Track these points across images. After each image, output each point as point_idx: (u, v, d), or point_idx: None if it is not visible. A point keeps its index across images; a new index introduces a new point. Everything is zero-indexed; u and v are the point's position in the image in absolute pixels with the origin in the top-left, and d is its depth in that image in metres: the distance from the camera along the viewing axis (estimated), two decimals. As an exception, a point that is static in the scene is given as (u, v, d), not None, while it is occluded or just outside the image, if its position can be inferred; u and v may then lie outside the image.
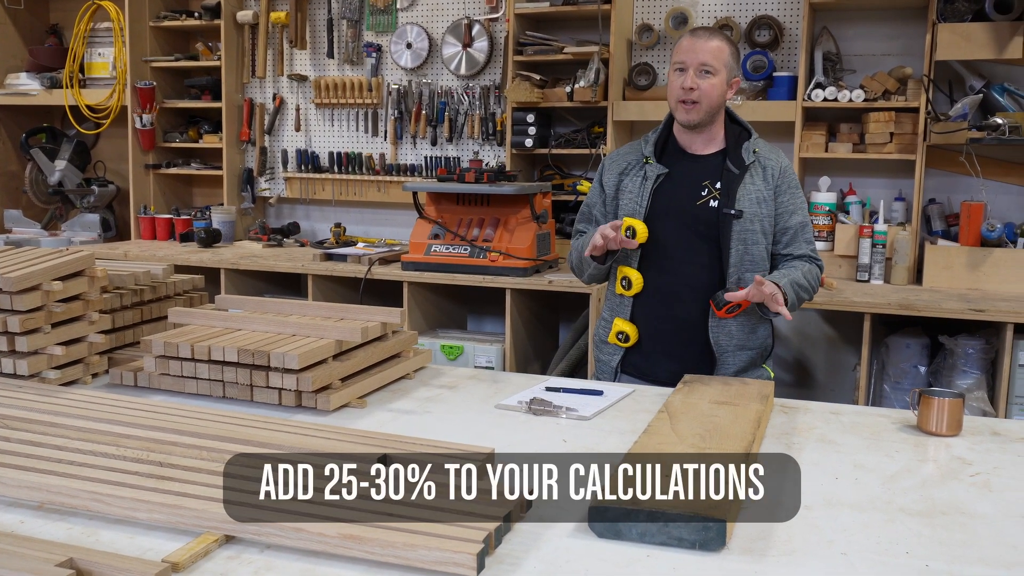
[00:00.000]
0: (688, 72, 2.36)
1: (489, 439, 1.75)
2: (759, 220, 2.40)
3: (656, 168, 2.45)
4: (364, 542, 1.22)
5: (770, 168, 2.44)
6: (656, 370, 2.47)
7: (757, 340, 2.46)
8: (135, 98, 5.10)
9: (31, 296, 1.97)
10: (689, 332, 2.44)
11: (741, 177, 2.40)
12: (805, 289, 2.38)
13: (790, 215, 2.44)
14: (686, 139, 2.48)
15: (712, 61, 2.36)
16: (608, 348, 2.55)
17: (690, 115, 2.39)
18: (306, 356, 1.94)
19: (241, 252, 4.66)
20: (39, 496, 1.40)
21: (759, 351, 2.47)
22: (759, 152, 2.45)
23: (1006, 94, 3.84)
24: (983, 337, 3.56)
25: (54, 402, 1.83)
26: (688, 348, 2.45)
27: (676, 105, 2.41)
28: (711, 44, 2.37)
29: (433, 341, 4.16)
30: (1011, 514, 1.46)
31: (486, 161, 4.73)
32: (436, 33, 4.83)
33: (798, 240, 2.45)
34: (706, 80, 2.36)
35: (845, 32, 4.16)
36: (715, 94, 2.38)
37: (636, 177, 2.48)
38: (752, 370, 2.47)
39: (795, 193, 2.46)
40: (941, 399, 1.87)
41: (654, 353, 2.48)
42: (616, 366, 2.53)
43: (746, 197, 2.39)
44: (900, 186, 4.12)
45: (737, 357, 2.43)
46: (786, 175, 2.45)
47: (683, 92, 2.37)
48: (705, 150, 2.48)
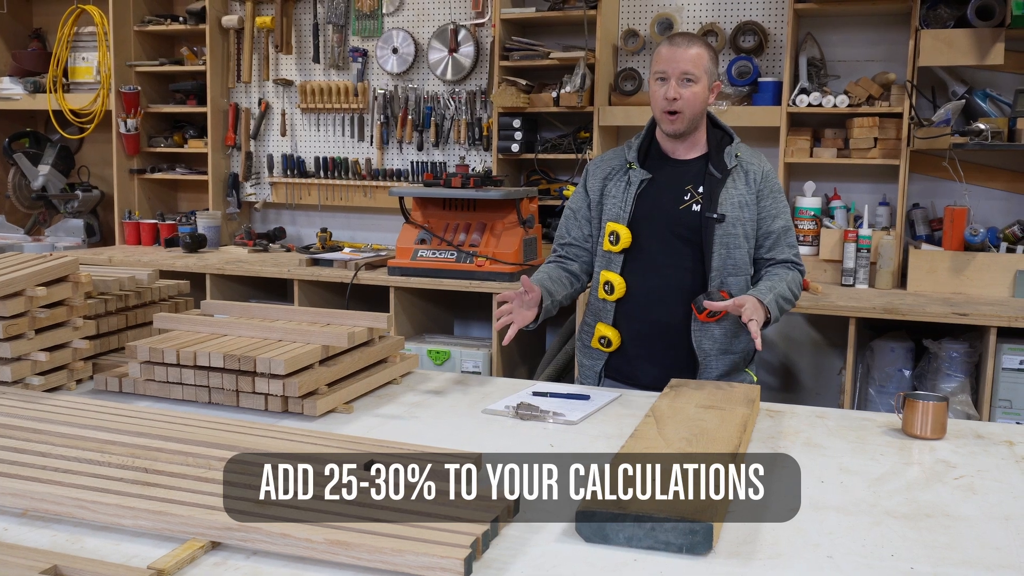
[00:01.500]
0: (670, 82, 2.36)
1: (476, 444, 1.76)
2: (741, 224, 2.41)
3: (640, 173, 2.46)
4: (351, 547, 1.22)
5: (752, 172, 2.45)
6: (639, 375, 2.47)
7: (740, 344, 2.45)
8: (119, 103, 5.08)
9: (14, 302, 1.96)
10: (672, 336, 2.44)
11: (723, 181, 2.41)
12: (789, 300, 2.39)
13: (773, 219, 2.45)
14: (669, 144, 2.49)
15: (693, 69, 2.36)
16: (591, 353, 2.55)
17: (675, 125, 2.40)
18: (292, 361, 1.93)
19: (227, 257, 4.64)
20: (23, 503, 1.39)
21: (742, 355, 2.47)
22: (741, 156, 2.46)
23: (988, 100, 3.87)
24: (967, 341, 3.58)
25: (38, 408, 1.81)
26: (671, 352, 2.44)
27: (661, 115, 2.41)
28: (691, 52, 2.37)
29: (420, 346, 4.16)
30: (994, 516, 1.47)
31: (472, 166, 4.73)
32: (422, 38, 4.83)
33: (781, 244, 2.46)
34: (688, 88, 2.36)
35: (829, 38, 4.18)
36: (698, 102, 2.38)
37: (620, 182, 2.48)
38: (735, 374, 2.47)
39: (777, 197, 2.47)
40: (925, 403, 1.88)
41: (637, 358, 2.48)
42: (600, 371, 2.53)
43: (728, 201, 2.40)
44: (884, 191, 4.15)
45: (720, 361, 2.43)
46: (768, 179, 2.46)
47: (667, 103, 2.37)
48: (688, 155, 2.48)
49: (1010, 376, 3.38)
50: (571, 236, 2.58)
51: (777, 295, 2.33)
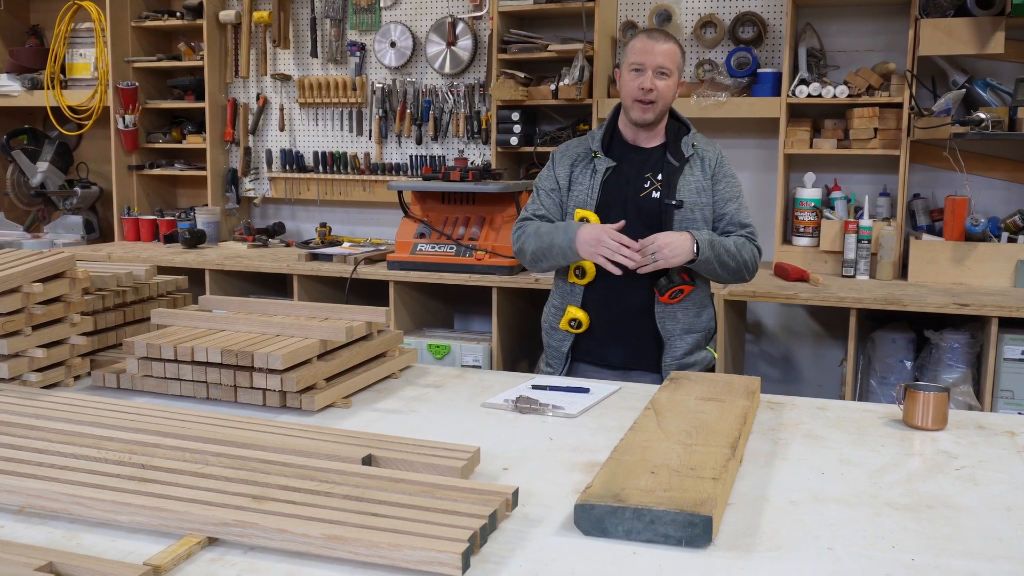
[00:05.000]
0: (647, 73, 2.49)
1: (475, 438, 1.75)
2: (699, 209, 2.55)
3: (605, 161, 2.59)
4: (348, 543, 1.21)
5: (707, 159, 2.59)
6: (607, 355, 2.61)
7: (702, 323, 2.61)
8: (117, 99, 5.06)
9: (11, 298, 1.95)
10: (637, 318, 2.57)
11: (681, 169, 2.56)
12: (730, 252, 2.49)
13: (725, 202, 2.58)
14: (631, 133, 2.62)
15: (668, 63, 2.50)
16: (558, 335, 2.66)
17: (646, 114, 2.53)
18: (290, 356, 1.92)
19: (226, 253, 4.63)
20: (19, 500, 1.38)
21: (704, 333, 2.62)
22: (697, 145, 2.60)
23: (989, 89, 3.86)
24: (968, 331, 3.57)
25: (35, 405, 1.81)
26: (637, 333, 2.58)
27: (633, 104, 2.53)
28: (666, 47, 2.52)
29: (420, 340, 4.15)
30: (996, 507, 1.46)
31: (471, 160, 4.72)
32: (420, 32, 4.81)
33: (734, 223, 2.58)
34: (663, 81, 2.51)
35: (828, 28, 4.16)
36: (670, 95, 2.54)
37: (586, 170, 2.62)
38: (697, 351, 2.61)
39: (730, 181, 2.61)
40: (927, 393, 1.87)
41: (604, 339, 2.60)
42: (567, 352, 2.64)
43: (686, 188, 2.55)
44: (885, 181, 4.13)
45: (684, 340, 2.57)
46: (722, 165, 2.60)
47: (642, 92, 2.50)
48: (649, 143, 2.62)
49: (1012, 366, 3.37)
50: (546, 208, 2.66)
51: (714, 240, 2.46)
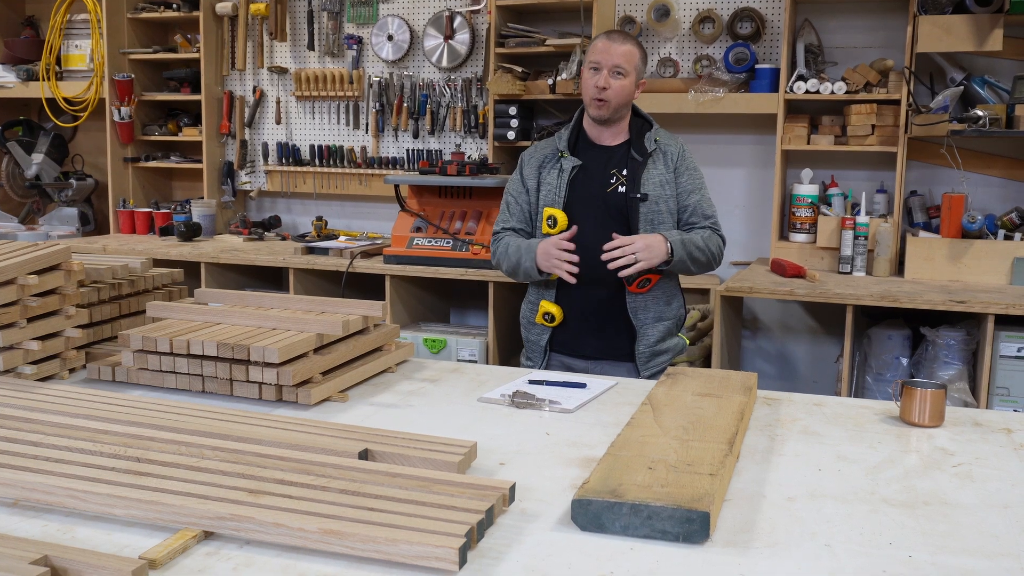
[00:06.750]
0: (602, 72, 2.59)
1: (472, 432, 1.75)
2: (664, 201, 2.63)
3: (571, 161, 2.68)
4: (345, 537, 1.21)
5: (670, 153, 2.67)
6: (583, 346, 2.70)
7: (672, 311, 2.71)
8: (113, 91, 5.05)
9: (6, 290, 1.94)
10: (609, 309, 2.66)
11: (644, 164, 2.64)
12: (700, 248, 2.59)
13: (688, 194, 2.66)
14: (595, 132, 2.71)
15: (624, 64, 2.59)
16: (536, 328, 2.75)
17: (600, 111, 2.62)
18: (286, 350, 1.92)
19: (222, 246, 4.62)
20: (14, 493, 1.38)
21: (674, 321, 2.72)
22: (660, 140, 2.68)
23: (986, 86, 3.86)
24: (964, 328, 3.57)
25: (30, 398, 1.80)
26: (610, 324, 2.67)
27: (590, 101, 2.63)
28: (624, 48, 2.61)
29: (416, 334, 4.14)
30: (993, 504, 1.46)
31: (468, 154, 4.71)
32: (417, 25, 4.80)
33: (697, 215, 2.66)
34: (618, 80, 2.60)
35: (827, 24, 4.16)
36: (624, 93, 2.62)
37: (553, 170, 2.69)
38: (669, 338, 2.70)
39: (693, 174, 2.69)
40: (923, 390, 1.87)
41: (579, 331, 2.69)
42: (545, 345, 2.72)
43: (650, 181, 2.63)
44: (882, 178, 4.13)
45: (656, 328, 2.66)
46: (684, 158, 2.68)
47: (596, 90, 2.59)
48: (612, 141, 2.71)
49: (1008, 363, 3.37)
50: (514, 220, 2.76)
51: (684, 239, 2.57)
